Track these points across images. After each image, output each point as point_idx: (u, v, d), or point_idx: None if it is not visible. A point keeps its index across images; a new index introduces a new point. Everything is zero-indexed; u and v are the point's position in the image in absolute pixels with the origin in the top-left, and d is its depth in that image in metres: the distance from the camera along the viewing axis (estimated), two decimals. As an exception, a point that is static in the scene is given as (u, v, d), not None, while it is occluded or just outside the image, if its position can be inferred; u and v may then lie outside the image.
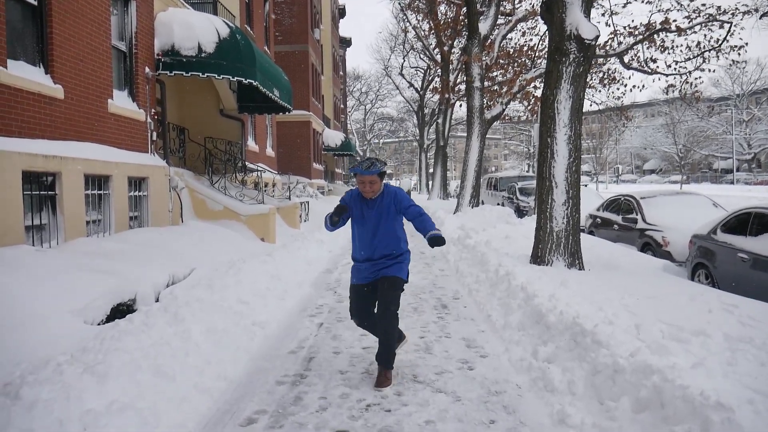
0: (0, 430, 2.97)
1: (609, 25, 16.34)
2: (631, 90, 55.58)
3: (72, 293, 5.35)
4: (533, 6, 19.79)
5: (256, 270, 7.86)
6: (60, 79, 7.51)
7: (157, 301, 6.39)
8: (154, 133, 10.61)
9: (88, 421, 3.24)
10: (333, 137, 37.27)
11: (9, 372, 3.76)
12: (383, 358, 4.45)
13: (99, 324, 5.33)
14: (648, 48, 16.49)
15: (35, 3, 7.19)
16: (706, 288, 6.74)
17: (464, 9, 19.62)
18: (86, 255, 6.64)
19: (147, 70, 10.30)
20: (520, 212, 19.39)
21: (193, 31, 10.93)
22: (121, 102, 9.33)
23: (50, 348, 4.28)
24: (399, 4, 35.43)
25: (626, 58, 16.68)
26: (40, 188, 7.05)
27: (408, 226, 4.65)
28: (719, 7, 15.15)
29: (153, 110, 10.67)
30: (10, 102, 6.54)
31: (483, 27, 17.57)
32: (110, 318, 5.52)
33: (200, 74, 11.01)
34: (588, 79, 9.73)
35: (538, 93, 18.30)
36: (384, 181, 4.61)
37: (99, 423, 3.24)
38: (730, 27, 15.00)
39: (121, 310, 5.79)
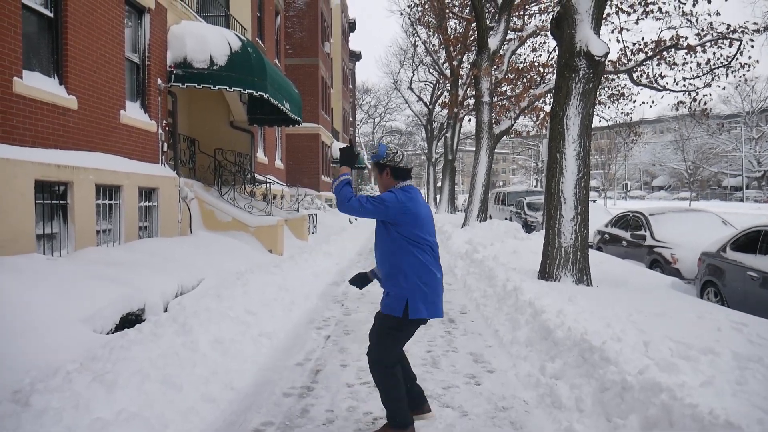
0: (10, 437, 2.99)
1: (619, 42, 16.38)
2: (640, 105, 55.70)
3: (82, 302, 5.39)
4: (543, 22, 19.88)
5: (263, 281, 7.89)
6: (74, 90, 7.60)
7: (165, 310, 6.42)
8: (165, 144, 10.70)
9: (96, 429, 3.25)
10: (342, 150, 37.34)
11: (19, 379, 3.79)
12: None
13: (108, 333, 5.36)
14: (657, 65, 16.51)
15: (51, 15, 7.30)
16: (715, 306, 6.70)
17: (474, 24, 19.73)
18: (96, 264, 6.69)
19: (159, 81, 10.41)
20: (528, 227, 19.34)
21: (206, 43, 11.05)
22: (133, 113, 9.43)
23: (60, 356, 4.31)
24: (409, 18, 35.66)
25: (635, 75, 16.70)
26: (52, 197, 7.12)
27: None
28: (729, 25, 15.17)
29: (164, 121, 10.77)
30: (25, 112, 6.63)
31: (492, 42, 17.64)
32: (119, 327, 5.55)
33: (212, 86, 11.13)
34: (597, 95, 9.76)
35: (548, 108, 18.34)
36: (403, 184, 3.61)
37: (107, 431, 3.26)
38: (740, 45, 15.00)
39: (130, 320, 5.82)
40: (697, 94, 16.49)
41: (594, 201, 20.65)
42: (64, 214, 7.34)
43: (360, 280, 3.89)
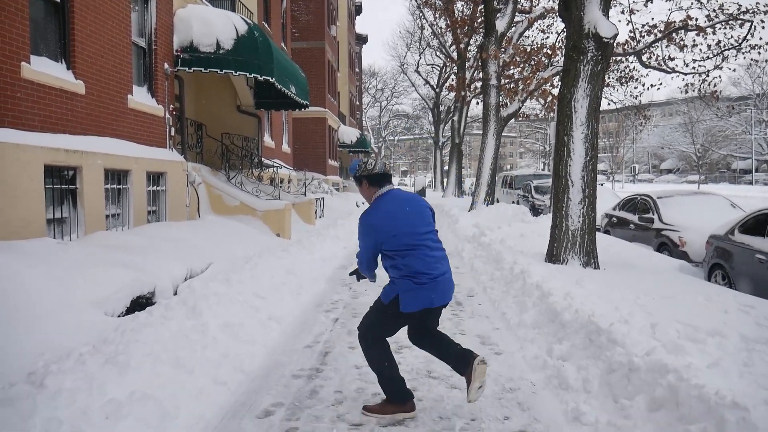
0: (26, 417, 3.04)
1: (629, 23, 16.19)
2: (648, 88, 55.26)
3: (93, 286, 5.45)
4: (552, 2, 19.68)
5: (272, 265, 7.94)
6: (81, 75, 7.62)
7: (175, 294, 6.48)
8: (173, 129, 10.72)
9: (110, 410, 3.31)
10: (348, 134, 37.33)
11: (33, 361, 3.86)
12: None
13: (119, 316, 5.42)
14: (667, 46, 16.33)
15: (58, 0, 7.30)
16: (722, 289, 6.71)
17: (481, 6, 19.57)
18: (106, 248, 6.75)
19: (166, 66, 10.41)
20: (536, 211, 19.32)
21: (212, 27, 11.02)
22: (140, 98, 9.44)
23: (73, 339, 4.37)
24: (415, 1, 35.39)
25: (644, 57, 16.53)
26: (61, 182, 7.16)
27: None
28: (740, 6, 14.97)
29: (171, 106, 10.78)
30: (33, 97, 6.65)
31: (500, 24, 17.50)
32: (130, 310, 5.61)
33: (218, 70, 11.12)
34: (605, 77, 9.68)
35: (555, 91, 18.21)
36: (380, 192, 3.78)
37: (120, 412, 3.32)
38: (751, 26, 14.82)
39: (140, 303, 5.88)
40: (707, 76, 16.33)
41: (602, 184, 20.58)
42: (73, 198, 7.39)
43: (358, 273, 4.19)
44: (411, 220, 3.68)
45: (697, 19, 15.46)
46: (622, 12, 15.92)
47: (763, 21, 14.61)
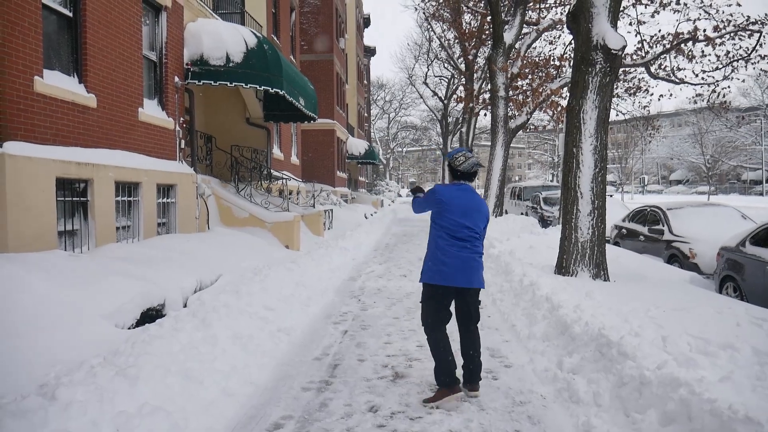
0: (37, 429, 3.06)
1: (637, 34, 16.20)
2: (659, 99, 55.22)
3: (104, 297, 5.48)
4: (560, 14, 19.72)
5: (281, 277, 7.95)
6: (93, 89, 7.70)
7: (185, 306, 6.50)
8: (183, 141, 10.79)
9: (120, 422, 3.32)
10: (357, 145, 37.43)
11: (44, 373, 3.88)
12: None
13: (129, 328, 5.45)
14: (675, 57, 16.32)
15: (70, 15, 7.40)
16: (734, 301, 6.65)
17: (489, 18, 19.65)
18: (116, 260, 6.79)
19: (176, 79, 10.50)
20: (545, 222, 19.26)
21: (222, 41, 11.12)
22: (151, 110, 9.52)
23: (83, 350, 4.40)
24: (423, 13, 35.55)
25: (653, 68, 16.52)
26: (72, 194, 7.23)
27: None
28: (748, 17, 14.95)
29: (182, 119, 10.87)
30: (46, 110, 6.73)
31: (508, 36, 17.56)
32: (140, 322, 5.64)
33: (228, 83, 11.21)
34: (614, 89, 9.67)
35: (564, 102, 18.20)
36: (460, 183, 4.47)
37: (131, 424, 3.33)
38: (759, 36, 14.79)
39: (150, 315, 5.90)
40: (716, 86, 16.28)
41: (611, 195, 20.45)
42: (84, 211, 7.45)
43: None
44: (462, 212, 4.30)
45: (705, 30, 15.45)
46: (630, 24, 15.95)
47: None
